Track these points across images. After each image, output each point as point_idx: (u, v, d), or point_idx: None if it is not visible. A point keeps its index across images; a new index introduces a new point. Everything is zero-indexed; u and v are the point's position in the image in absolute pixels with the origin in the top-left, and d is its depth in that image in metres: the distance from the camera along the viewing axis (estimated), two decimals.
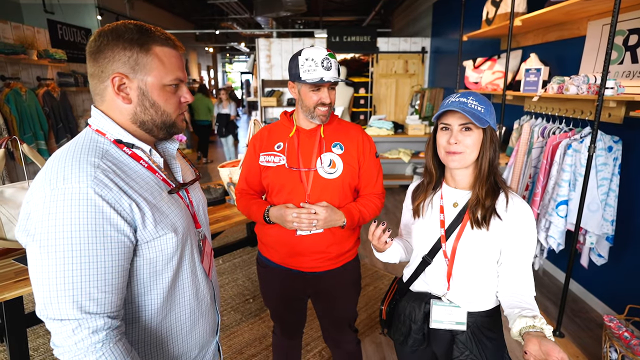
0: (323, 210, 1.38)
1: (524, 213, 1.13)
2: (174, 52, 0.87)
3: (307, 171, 1.44)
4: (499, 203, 1.14)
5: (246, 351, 2.34)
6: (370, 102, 7.35)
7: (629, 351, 1.91)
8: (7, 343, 1.73)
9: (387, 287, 3.03)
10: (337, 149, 1.46)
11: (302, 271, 1.53)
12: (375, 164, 1.53)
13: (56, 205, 0.72)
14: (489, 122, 1.11)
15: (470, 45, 4.70)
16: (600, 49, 2.60)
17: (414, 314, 1.27)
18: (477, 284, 1.19)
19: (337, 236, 1.49)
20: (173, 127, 0.92)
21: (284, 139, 1.48)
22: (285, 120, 1.53)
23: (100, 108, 0.86)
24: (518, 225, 1.12)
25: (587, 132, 2.43)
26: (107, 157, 0.80)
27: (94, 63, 0.82)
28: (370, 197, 1.53)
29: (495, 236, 1.13)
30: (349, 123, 1.56)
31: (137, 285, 0.84)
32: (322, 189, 1.44)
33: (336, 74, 1.37)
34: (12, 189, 1.79)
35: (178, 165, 0.99)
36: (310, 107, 1.40)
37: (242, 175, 1.59)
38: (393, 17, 10.17)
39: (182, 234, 0.89)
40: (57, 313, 0.72)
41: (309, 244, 1.47)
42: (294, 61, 1.38)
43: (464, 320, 1.20)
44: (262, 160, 1.50)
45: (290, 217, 1.38)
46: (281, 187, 1.46)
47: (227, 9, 9.08)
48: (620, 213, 2.43)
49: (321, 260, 1.51)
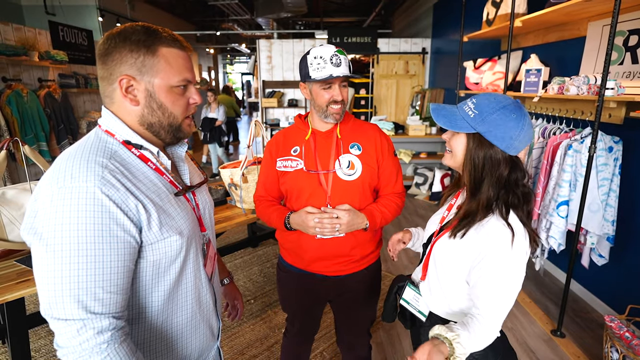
0: (345, 214, 1.35)
1: (494, 242, 1.01)
2: (182, 52, 0.87)
3: (325, 173, 1.40)
4: (480, 222, 1.05)
5: (247, 352, 2.34)
6: (370, 103, 7.36)
7: (630, 351, 1.91)
8: (9, 344, 1.73)
9: (387, 287, 3.03)
10: (355, 149, 1.43)
11: (325, 275, 1.51)
12: (395, 162, 1.50)
13: (63, 204, 0.72)
14: (474, 129, 1.03)
15: (471, 46, 4.70)
16: (600, 50, 2.60)
17: (390, 290, 1.36)
18: (443, 286, 1.18)
19: (359, 239, 1.46)
20: (179, 130, 0.91)
21: (300, 142, 1.45)
22: (300, 123, 1.49)
23: (110, 109, 0.87)
24: (485, 252, 1.02)
25: (587, 132, 2.44)
26: (116, 157, 0.81)
27: (103, 66, 0.83)
28: (391, 197, 1.50)
29: (461, 251, 1.08)
30: (365, 122, 1.52)
31: (139, 286, 0.84)
32: (343, 191, 1.40)
33: (346, 70, 1.33)
34: (13, 190, 1.80)
35: (186, 167, 0.99)
36: (323, 105, 1.37)
37: (260, 182, 1.56)
38: (393, 18, 10.18)
39: (187, 237, 0.89)
40: (62, 313, 0.72)
41: (331, 248, 1.44)
42: (303, 61, 1.36)
43: (426, 312, 1.23)
44: (279, 166, 1.47)
45: (312, 223, 1.34)
46: (300, 191, 1.43)
47: (228, 10, 9.10)
48: (621, 213, 2.43)
49: (345, 263, 1.48)
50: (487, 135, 1.02)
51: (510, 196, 1.05)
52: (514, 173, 1.05)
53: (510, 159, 1.04)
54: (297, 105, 7.59)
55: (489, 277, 1.02)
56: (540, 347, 2.39)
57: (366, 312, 1.62)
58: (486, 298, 1.02)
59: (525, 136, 1.02)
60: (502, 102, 1.02)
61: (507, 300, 1.02)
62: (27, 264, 1.72)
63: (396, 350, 2.36)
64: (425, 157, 5.72)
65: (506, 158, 1.04)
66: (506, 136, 1.01)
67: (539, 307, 2.81)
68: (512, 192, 1.05)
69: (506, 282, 1.01)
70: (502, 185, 1.05)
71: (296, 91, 7.61)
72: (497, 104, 1.02)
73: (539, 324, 2.61)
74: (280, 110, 7.66)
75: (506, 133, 1.00)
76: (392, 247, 1.40)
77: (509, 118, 1.00)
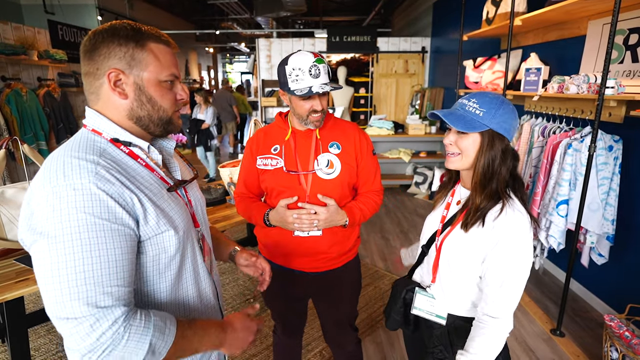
0: (324, 210, 1.38)
1: (513, 228, 1.05)
2: (168, 49, 0.88)
3: (305, 174, 1.43)
4: (492, 211, 1.09)
5: (247, 351, 2.34)
6: (370, 102, 7.35)
7: (629, 350, 1.91)
8: (9, 343, 1.73)
9: (387, 287, 3.04)
10: (334, 148, 1.45)
11: (304, 272, 1.53)
12: (373, 161, 1.52)
13: (60, 202, 0.71)
14: (488, 125, 1.07)
15: (471, 45, 4.69)
16: (600, 49, 2.60)
17: (397, 296, 1.33)
18: (458, 285, 1.19)
19: (338, 236, 1.49)
20: (169, 123, 0.91)
21: (280, 141, 1.47)
22: (280, 122, 1.51)
23: (94, 108, 0.86)
24: (502, 239, 1.06)
25: (587, 131, 2.43)
26: (105, 155, 0.80)
27: (89, 61, 0.83)
28: (370, 195, 1.53)
29: (476, 243, 1.10)
30: (345, 122, 1.54)
31: (142, 283, 0.85)
32: (322, 190, 1.43)
33: (326, 79, 1.33)
34: (13, 189, 1.80)
35: (176, 163, 0.99)
36: (303, 115, 1.38)
37: (241, 179, 1.58)
38: (393, 17, 10.17)
39: (183, 232, 0.89)
40: (70, 311, 0.70)
41: (310, 245, 1.47)
42: (281, 70, 1.34)
43: (444, 314, 1.22)
44: (259, 163, 1.49)
45: (291, 219, 1.38)
46: (280, 190, 1.45)
47: (228, 9, 9.09)
48: (621, 212, 2.43)
49: (323, 260, 1.51)
50: (499, 129, 1.08)
51: (516, 183, 1.12)
52: (515, 161, 1.13)
53: (511, 149, 1.12)
54: None
55: (505, 265, 1.06)
56: (540, 346, 2.39)
57: (347, 307, 1.65)
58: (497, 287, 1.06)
59: (517, 123, 1.12)
60: (499, 97, 1.10)
61: (520, 286, 1.08)
62: (26, 263, 1.71)
63: (395, 350, 2.36)
64: (425, 156, 5.72)
65: (510, 148, 1.11)
66: (510, 127, 1.09)
67: (538, 306, 2.81)
68: (515, 179, 1.13)
69: (523, 266, 1.07)
70: (510, 174, 1.12)
71: None
72: (497, 99, 1.10)
73: (538, 323, 2.61)
74: (279, 109, 7.66)
75: (510, 124, 1.09)
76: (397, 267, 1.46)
77: (510, 109, 1.09)
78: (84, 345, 0.70)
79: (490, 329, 1.07)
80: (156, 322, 0.77)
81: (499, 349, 1.08)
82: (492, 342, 1.07)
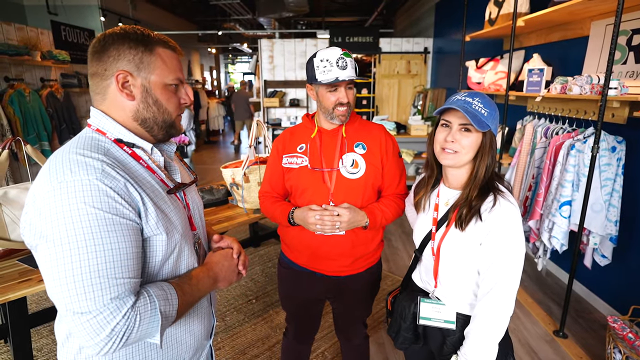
0: (346, 212, 1.37)
1: (506, 218, 1.08)
2: (175, 54, 0.91)
3: (329, 171, 1.43)
4: (484, 204, 1.11)
5: (249, 352, 2.34)
6: (372, 103, 7.35)
7: (633, 352, 1.90)
8: (11, 343, 1.74)
9: (390, 287, 3.04)
10: (360, 148, 1.45)
11: (325, 274, 1.52)
12: (399, 164, 1.51)
13: (68, 197, 0.72)
14: (490, 126, 1.10)
15: (473, 46, 4.69)
16: (603, 49, 2.59)
17: (404, 312, 1.29)
18: (462, 284, 1.19)
19: (360, 237, 1.47)
20: (172, 127, 0.94)
21: (306, 140, 1.48)
22: (307, 122, 1.53)
23: (100, 108, 0.88)
24: (497, 229, 1.08)
25: (590, 132, 2.43)
26: (109, 155, 0.81)
27: (97, 62, 0.85)
28: (393, 198, 1.51)
29: (474, 238, 1.12)
30: (371, 123, 1.55)
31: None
32: (345, 190, 1.42)
33: (352, 72, 1.36)
34: (16, 189, 1.80)
35: (177, 166, 1.00)
36: (329, 107, 1.39)
37: (266, 178, 1.59)
38: (395, 18, 10.17)
39: (181, 235, 0.90)
40: (85, 305, 0.71)
41: (332, 246, 1.46)
42: (310, 64, 1.38)
43: (453, 318, 1.20)
44: (285, 162, 1.50)
45: (313, 220, 1.36)
46: (304, 188, 1.45)
47: (230, 9, 9.11)
48: (624, 213, 2.42)
49: (345, 264, 1.49)
50: (495, 130, 1.13)
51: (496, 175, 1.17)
52: None
53: None
54: (299, 105, 7.59)
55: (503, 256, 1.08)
56: (543, 347, 2.38)
57: (364, 309, 1.66)
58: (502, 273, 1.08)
59: None
60: (491, 99, 1.15)
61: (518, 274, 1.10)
62: (29, 263, 1.72)
63: (397, 351, 2.36)
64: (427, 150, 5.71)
65: None
66: (497, 128, 1.16)
67: (541, 307, 2.80)
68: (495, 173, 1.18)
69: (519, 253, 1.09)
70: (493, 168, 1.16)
71: (297, 91, 7.61)
72: (491, 100, 1.14)
73: (541, 325, 2.60)
74: (282, 110, 7.66)
75: (497, 125, 1.16)
76: None
77: (497, 111, 1.15)
78: (100, 338, 0.72)
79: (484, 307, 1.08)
80: (156, 292, 0.80)
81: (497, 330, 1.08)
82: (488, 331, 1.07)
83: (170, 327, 0.92)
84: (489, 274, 1.09)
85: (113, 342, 0.73)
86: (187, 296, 0.87)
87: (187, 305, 0.87)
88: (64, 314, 0.73)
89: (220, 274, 0.99)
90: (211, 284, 0.96)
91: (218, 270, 0.98)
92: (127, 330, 0.74)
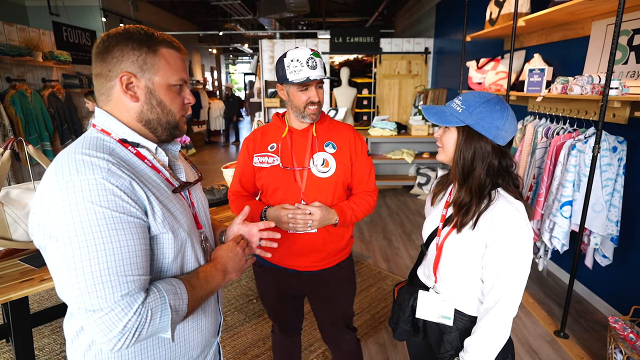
0: (318, 211, 1.40)
1: (504, 223, 1.06)
2: (179, 55, 0.91)
3: (300, 170, 1.46)
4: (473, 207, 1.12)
5: (250, 352, 2.35)
6: (373, 103, 7.35)
7: (634, 352, 1.90)
8: (13, 343, 1.74)
9: (390, 287, 3.04)
10: (330, 148, 1.48)
11: (297, 270, 1.55)
12: (367, 162, 1.55)
13: (75, 197, 0.73)
14: (464, 122, 1.10)
15: (474, 46, 4.69)
16: (604, 49, 2.59)
17: (404, 304, 1.31)
18: (461, 283, 1.19)
19: (332, 234, 1.52)
20: (176, 128, 0.94)
21: (277, 139, 1.51)
22: (277, 121, 1.55)
23: (105, 108, 0.88)
24: (495, 236, 1.08)
25: (591, 132, 2.42)
26: (114, 154, 0.82)
27: (102, 63, 0.85)
28: (363, 195, 1.55)
29: (471, 243, 1.12)
30: (340, 123, 1.58)
31: None
32: (316, 188, 1.46)
33: (322, 72, 1.39)
34: (18, 189, 1.81)
35: (181, 165, 1.01)
36: (300, 106, 1.42)
37: (236, 177, 1.60)
38: (396, 18, 10.17)
39: (187, 233, 0.91)
40: (96, 303, 0.72)
41: (304, 243, 1.49)
42: (280, 64, 1.40)
43: (450, 314, 1.21)
44: (255, 162, 1.52)
45: (286, 218, 1.40)
46: (276, 187, 1.48)
47: (231, 10, 9.10)
48: (625, 214, 2.42)
49: (316, 259, 1.53)
50: (476, 127, 1.09)
51: (504, 181, 1.13)
52: (504, 160, 1.13)
53: (499, 149, 1.12)
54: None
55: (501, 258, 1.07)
56: (544, 348, 2.38)
57: (342, 307, 1.66)
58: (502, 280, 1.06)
59: (510, 126, 1.10)
60: (486, 97, 1.11)
61: (522, 281, 1.07)
62: (31, 263, 1.73)
63: (398, 351, 2.36)
64: (428, 157, 5.71)
65: (495, 148, 1.11)
66: (492, 126, 1.08)
67: (542, 307, 2.79)
68: (505, 177, 1.13)
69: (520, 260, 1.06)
70: (496, 172, 1.13)
71: None
72: (481, 98, 1.11)
73: (542, 325, 2.60)
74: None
75: (492, 123, 1.08)
76: None
77: (493, 110, 1.08)
78: (113, 334, 0.73)
79: (487, 320, 1.08)
80: (164, 287, 0.81)
81: (499, 343, 1.08)
82: (490, 335, 1.07)
83: (178, 325, 0.93)
84: (491, 286, 1.09)
85: (126, 338, 0.74)
86: (196, 290, 0.87)
87: (197, 300, 0.88)
88: (76, 312, 0.74)
89: (229, 265, 0.99)
90: (222, 277, 0.96)
91: (225, 262, 0.99)
92: (139, 326, 0.75)
